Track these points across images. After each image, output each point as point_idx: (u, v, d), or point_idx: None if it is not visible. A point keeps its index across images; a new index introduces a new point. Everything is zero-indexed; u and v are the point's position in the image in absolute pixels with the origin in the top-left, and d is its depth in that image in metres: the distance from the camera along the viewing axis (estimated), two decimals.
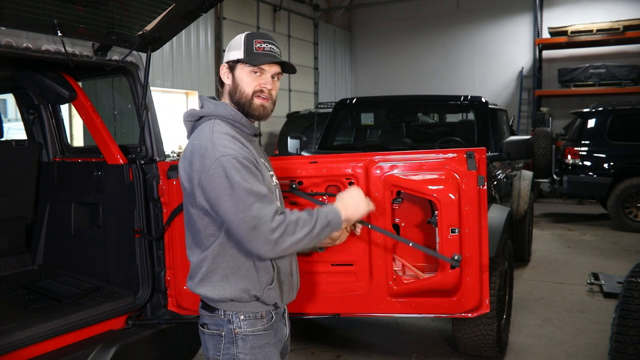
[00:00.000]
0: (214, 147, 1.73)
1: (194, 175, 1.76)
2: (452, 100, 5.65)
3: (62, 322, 2.56)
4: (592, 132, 8.66)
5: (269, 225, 1.66)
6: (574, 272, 6.01)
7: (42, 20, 2.43)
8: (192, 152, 1.79)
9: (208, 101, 1.92)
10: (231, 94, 1.90)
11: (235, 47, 1.89)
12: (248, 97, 1.87)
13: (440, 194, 2.31)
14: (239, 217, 1.67)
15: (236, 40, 1.91)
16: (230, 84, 1.90)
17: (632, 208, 8.42)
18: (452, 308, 2.42)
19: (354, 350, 4.04)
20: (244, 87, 1.88)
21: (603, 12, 12.77)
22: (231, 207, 1.68)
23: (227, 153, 1.71)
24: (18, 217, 3.58)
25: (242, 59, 1.86)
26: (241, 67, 1.88)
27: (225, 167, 1.69)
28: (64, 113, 5.89)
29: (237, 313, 1.83)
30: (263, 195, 1.70)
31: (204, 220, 1.81)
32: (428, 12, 14.85)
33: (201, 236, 1.84)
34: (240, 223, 1.67)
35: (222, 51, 11.06)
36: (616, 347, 2.76)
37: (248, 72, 1.87)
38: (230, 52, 1.91)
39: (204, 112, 1.89)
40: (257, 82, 1.88)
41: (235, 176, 1.68)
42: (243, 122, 1.89)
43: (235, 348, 1.82)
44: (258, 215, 1.66)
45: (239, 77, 1.88)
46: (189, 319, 2.86)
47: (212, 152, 1.72)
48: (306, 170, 2.54)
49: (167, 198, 2.81)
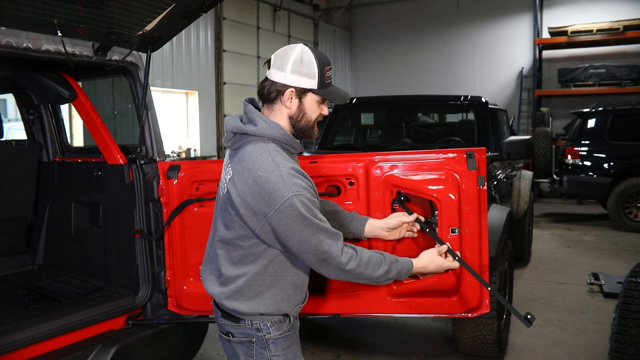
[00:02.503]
0: (285, 185, 1.72)
1: (259, 207, 1.74)
2: (452, 100, 5.65)
3: (62, 322, 2.56)
4: (592, 132, 8.66)
5: (339, 260, 1.79)
6: (574, 272, 6.01)
7: (42, 20, 2.43)
8: (255, 182, 1.74)
9: (260, 118, 1.85)
10: (295, 120, 1.87)
11: (309, 74, 1.82)
12: (311, 124, 1.90)
13: (440, 194, 2.31)
14: (310, 251, 1.76)
15: (309, 66, 1.82)
16: (295, 110, 1.86)
17: (632, 208, 8.42)
18: (452, 308, 2.42)
19: (354, 350, 4.04)
20: (310, 116, 1.88)
21: (603, 12, 12.78)
22: (303, 242, 1.75)
23: (299, 193, 1.73)
24: (18, 217, 3.58)
25: (317, 90, 1.84)
26: (312, 96, 1.86)
27: (298, 205, 1.71)
28: (64, 113, 5.89)
29: (263, 321, 1.87)
30: (333, 232, 1.79)
31: (250, 241, 1.83)
32: (428, 12, 14.86)
33: (242, 252, 1.85)
34: (311, 255, 1.77)
35: (223, 51, 11.07)
36: (616, 347, 2.76)
37: (316, 102, 1.88)
38: (302, 78, 1.82)
39: (257, 132, 1.82)
40: (319, 111, 1.91)
41: (307, 215, 1.73)
42: (294, 145, 1.89)
43: (268, 352, 1.87)
44: (328, 250, 1.77)
45: (308, 106, 1.87)
46: (189, 319, 2.86)
47: (284, 190, 1.71)
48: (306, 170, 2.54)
49: (167, 198, 2.80)
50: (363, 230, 2.23)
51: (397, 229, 2.25)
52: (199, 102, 10.75)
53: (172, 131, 10.39)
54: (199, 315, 2.84)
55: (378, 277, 1.90)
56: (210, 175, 2.67)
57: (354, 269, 1.82)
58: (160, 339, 2.81)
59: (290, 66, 1.82)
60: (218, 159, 9.89)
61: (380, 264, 1.90)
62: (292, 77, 1.82)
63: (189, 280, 2.79)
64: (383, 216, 2.42)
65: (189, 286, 2.79)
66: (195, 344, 3.09)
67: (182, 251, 2.79)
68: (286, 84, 1.83)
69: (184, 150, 10.45)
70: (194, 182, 2.73)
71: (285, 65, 1.82)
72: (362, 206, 2.45)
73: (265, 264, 1.84)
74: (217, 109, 11.12)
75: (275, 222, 1.73)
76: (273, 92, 1.85)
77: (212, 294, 1.94)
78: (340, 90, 1.93)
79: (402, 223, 2.24)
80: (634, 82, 12.07)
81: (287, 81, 1.82)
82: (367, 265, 1.86)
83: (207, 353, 3.87)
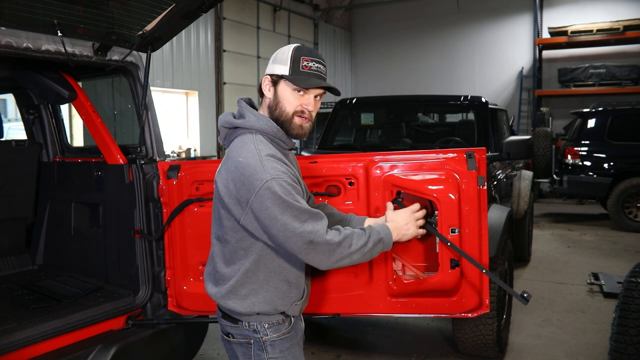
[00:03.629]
0: (264, 168, 1.71)
1: (240, 194, 1.74)
2: (452, 100, 5.65)
3: (62, 322, 2.56)
4: (592, 132, 8.66)
5: (324, 238, 1.74)
6: (574, 272, 6.01)
7: (42, 20, 2.43)
8: (236, 168, 1.75)
9: (249, 111, 1.86)
10: (271, 109, 1.86)
11: (282, 60, 1.83)
12: (288, 115, 1.84)
13: (440, 194, 2.31)
14: (295, 234, 1.71)
15: (283, 53, 1.84)
16: (271, 98, 1.86)
17: (632, 208, 8.42)
18: (452, 308, 2.42)
19: (354, 350, 4.04)
20: (285, 105, 1.83)
21: (603, 12, 12.78)
22: (286, 224, 1.70)
23: (277, 175, 1.71)
24: (18, 217, 3.58)
25: (287, 76, 1.81)
26: (285, 83, 1.83)
27: (276, 189, 1.69)
28: (64, 113, 5.89)
29: (261, 322, 1.86)
30: (315, 213, 1.76)
31: (237, 235, 1.82)
32: (428, 12, 14.86)
33: (231, 248, 1.85)
34: (296, 239, 1.72)
35: (223, 51, 11.07)
36: (616, 347, 2.76)
37: (291, 91, 1.83)
38: (276, 65, 1.84)
39: (245, 124, 1.84)
40: (299, 102, 1.83)
41: (286, 196, 1.70)
42: (283, 138, 1.86)
43: (265, 354, 1.86)
44: (313, 230, 1.72)
45: (282, 94, 1.83)
46: (189, 319, 2.86)
47: (262, 174, 1.70)
48: (306, 170, 2.54)
49: (167, 198, 2.80)
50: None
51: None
52: (199, 102, 10.75)
53: (172, 131, 10.39)
54: (199, 315, 2.84)
55: (365, 245, 1.84)
56: (210, 175, 2.67)
57: (343, 240, 1.78)
58: (160, 339, 2.81)
59: (272, 58, 1.88)
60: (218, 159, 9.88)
61: (361, 234, 1.86)
62: (270, 67, 1.87)
63: (189, 280, 2.79)
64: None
65: (189, 286, 2.79)
66: (195, 344, 3.09)
67: (182, 251, 2.79)
68: (266, 73, 1.88)
69: (184, 150, 10.45)
70: (194, 182, 2.73)
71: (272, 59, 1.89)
72: (362, 206, 2.45)
73: (255, 259, 1.82)
74: (217, 109, 11.12)
75: (257, 207, 1.71)
76: (259, 85, 1.90)
77: (210, 294, 1.94)
78: (314, 78, 1.82)
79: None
80: (634, 82, 12.07)
81: (267, 71, 1.88)
82: (352, 237, 1.81)
83: (207, 353, 3.87)
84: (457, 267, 2.31)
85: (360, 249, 1.83)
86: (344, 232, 1.81)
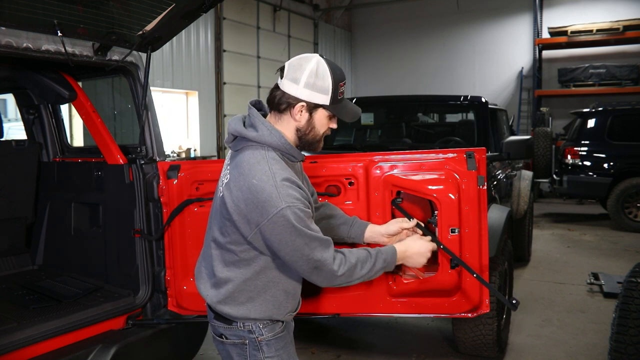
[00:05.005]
0: (279, 195, 1.70)
1: (252, 216, 1.73)
2: (452, 100, 5.65)
3: (62, 322, 2.56)
4: (592, 132, 8.66)
5: (331, 267, 1.78)
6: (574, 272, 6.01)
7: (42, 20, 2.43)
8: (250, 190, 1.72)
9: (262, 123, 1.82)
10: (302, 133, 1.85)
11: (322, 89, 1.78)
12: (318, 138, 1.89)
13: (440, 194, 2.31)
14: (303, 259, 1.75)
15: (323, 80, 1.78)
16: (304, 123, 1.83)
17: (632, 208, 8.42)
18: (452, 308, 2.42)
19: (354, 350, 4.04)
20: (318, 130, 1.86)
21: (603, 12, 12.78)
22: (296, 250, 1.73)
23: (292, 204, 1.71)
24: (18, 217, 3.58)
25: (328, 107, 1.82)
26: (322, 111, 1.83)
27: (290, 217, 1.70)
28: (64, 113, 5.89)
29: (255, 322, 1.87)
30: (324, 240, 1.79)
31: (242, 247, 1.83)
32: (428, 12, 14.85)
33: (234, 257, 1.85)
34: (303, 263, 1.76)
35: (223, 51, 11.06)
36: (616, 347, 2.76)
37: (326, 117, 1.85)
38: (315, 93, 1.78)
39: (257, 138, 1.80)
40: (328, 125, 1.88)
41: (299, 226, 1.71)
42: (294, 153, 1.87)
43: (261, 354, 1.87)
44: (320, 259, 1.76)
45: (318, 121, 1.84)
46: (189, 319, 2.86)
47: (277, 201, 1.69)
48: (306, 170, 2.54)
49: (167, 198, 2.80)
50: (363, 235, 2.22)
51: (398, 235, 2.22)
52: (199, 102, 10.75)
53: (172, 131, 10.39)
54: (199, 315, 2.84)
55: (368, 273, 1.89)
56: (210, 175, 2.67)
57: (345, 273, 1.82)
58: (160, 339, 2.81)
59: (304, 79, 1.77)
60: (218, 159, 9.90)
61: (367, 259, 1.89)
62: (304, 92, 1.78)
63: (189, 280, 2.79)
64: (383, 216, 2.42)
65: (189, 286, 2.79)
66: (195, 344, 3.09)
67: (182, 251, 2.79)
68: (298, 97, 1.79)
69: (184, 150, 10.45)
70: (194, 182, 2.73)
71: (299, 78, 1.77)
72: (362, 206, 2.45)
73: (257, 269, 1.84)
74: (217, 109, 11.12)
75: (267, 231, 1.72)
76: (284, 104, 1.81)
77: (205, 296, 1.94)
78: (352, 106, 1.91)
79: (403, 229, 2.22)
80: (634, 82, 12.07)
81: (299, 95, 1.79)
82: (356, 265, 1.85)
83: (207, 353, 3.87)
84: (457, 267, 2.32)
85: (363, 277, 1.89)
86: (349, 262, 1.83)
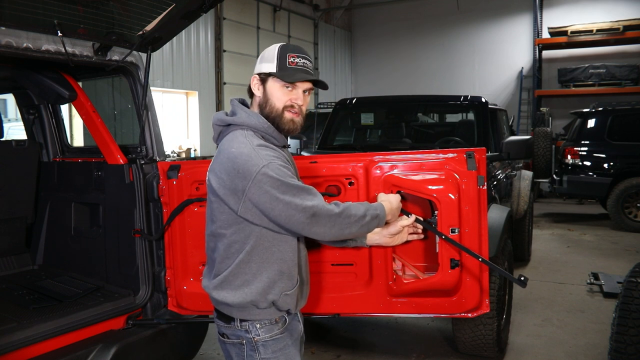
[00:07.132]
0: (258, 155, 1.76)
1: (235, 184, 1.76)
2: (452, 100, 5.65)
3: (62, 322, 2.56)
4: (592, 132, 8.66)
5: (325, 208, 1.79)
6: (574, 272, 6.01)
7: (42, 20, 2.43)
8: (229, 159, 1.78)
9: (241, 108, 1.91)
10: (261, 107, 1.90)
11: (268, 59, 1.89)
12: (278, 111, 1.88)
13: (440, 194, 2.31)
14: (298, 210, 1.75)
15: (269, 52, 1.91)
16: (260, 96, 1.90)
17: (632, 208, 8.42)
18: (452, 308, 2.42)
19: (354, 350, 4.04)
20: (274, 102, 1.88)
21: (603, 12, 12.79)
22: (288, 203, 1.74)
23: (271, 161, 1.76)
24: (18, 217, 3.59)
25: (275, 73, 1.87)
26: (273, 80, 1.88)
27: (272, 173, 1.73)
28: (64, 113, 5.89)
29: (252, 322, 1.87)
30: (310, 188, 1.82)
31: (232, 228, 1.84)
32: (428, 12, 14.86)
33: (226, 242, 1.86)
34: (300, 215, 1.75)
35: (223, 51, 11.07)
36: (616, 347, 2.76)
37: (280, 87, 1.88)
38: (263, 64, 1.90)
39: (236, 120, 1.88)
40: (288, 97, 1.88)
41: (282, 179, 1.74)
42: (274, 134, 1.90)
43: (257, 355, 1.87)
44: (314, 204, 1.77)
45: (270, 91, 1.88)
46: (189, 319, 2.86)
47: (257, 160, 1.74)
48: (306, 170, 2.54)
49: (167, 198, 2.80)
50: (365, 238, 2.21)
51: (399, 234, 2.22)
52: (199, 102, 10.75)
53: (172, 131, 10.39)
54: (199, 315, 2.84)
55: (364, 215, 1.89)
56: None
57: (343, 210, 1.82)
58: (160, 339, 2.81)
59: (259, 58, 1.94)
60: None
61: (359, 205, 1.92)
62: (257, 66, 1.93)
63: (189, 280, 2.79)
64: None
65: (189, 286, 2.79)
66: (195, 344, 3.09)
67: (182, 251, 2.79)
68: (254, 73, 1.94)
69: (184, 150, 10.45)
70: (194, 182, 2.73)
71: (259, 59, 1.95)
72: None
73: (248, 250, 1.84)
74: (217, 109, 11.12)
75: (255, 194, 1.74)
76: (249, 85, 1.96)
77: (204, 287, 1.96)
78: (301, 72, 1.88)
79: (403, 227, 2.21)
80: (634, 82, 12.08)
81: (255, 70, 1.94)
82: (350, 207, 1.86)
83: (207, 353, 3.87)
84: (457, 267, 2.32)
85: (359, 220, 1.88)
86: (342, 204, 1.86)
